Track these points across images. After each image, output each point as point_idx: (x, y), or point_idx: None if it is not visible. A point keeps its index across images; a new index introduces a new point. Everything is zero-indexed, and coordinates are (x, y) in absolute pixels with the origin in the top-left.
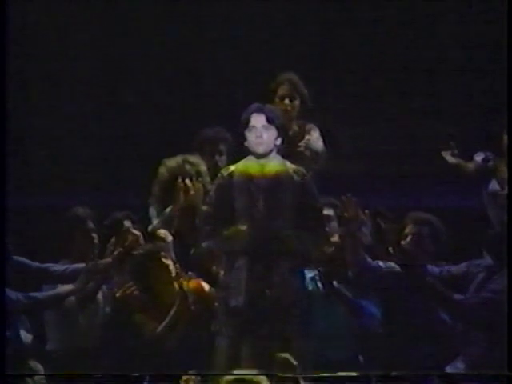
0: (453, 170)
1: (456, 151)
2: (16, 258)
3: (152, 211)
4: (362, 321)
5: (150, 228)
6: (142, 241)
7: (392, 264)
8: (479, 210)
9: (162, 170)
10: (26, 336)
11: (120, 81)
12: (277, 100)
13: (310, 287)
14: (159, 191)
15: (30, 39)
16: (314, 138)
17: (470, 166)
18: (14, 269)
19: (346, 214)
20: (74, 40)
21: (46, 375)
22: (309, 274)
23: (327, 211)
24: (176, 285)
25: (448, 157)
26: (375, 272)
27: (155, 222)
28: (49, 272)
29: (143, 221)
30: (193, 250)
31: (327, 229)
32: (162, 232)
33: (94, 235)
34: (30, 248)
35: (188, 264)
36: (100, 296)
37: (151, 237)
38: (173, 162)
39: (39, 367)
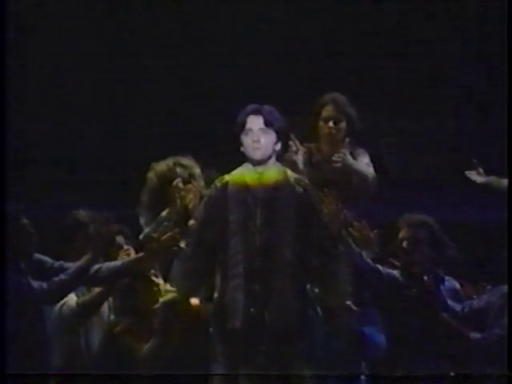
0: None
1: (481, 169)
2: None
3: (142, 222)
4: (366, 352)
5: (141, 236)
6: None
7: (394, 272)
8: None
9: (151, 175)
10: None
11: (120, 84)
12: (321, 123)
13: (312, 310)
14: (149, 199)
15: (30, 40)
16: (364, 164)
17: (504, 182)
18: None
19: (325, 210)
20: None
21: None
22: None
23: None
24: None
25: (474, 177)
26: (374, 275)
27: (147, 228)
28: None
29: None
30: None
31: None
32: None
33: None
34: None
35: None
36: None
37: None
38: (162, 165)
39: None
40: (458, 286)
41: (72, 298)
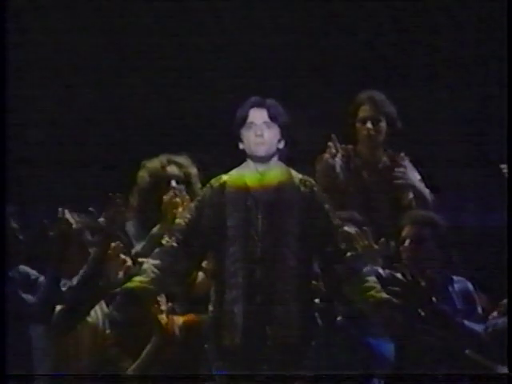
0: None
1: None
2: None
3: (130, 228)
4: (374, 365)
5: (133, 252)
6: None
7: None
8: None
9: (143, 174)
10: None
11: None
12: (358, 125)
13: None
14: (139, 201)
15: (30, 39)
16: (418, 181)
17: None
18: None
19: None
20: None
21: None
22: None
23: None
24: (161, 318)
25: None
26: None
27: (138, 246)
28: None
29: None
30: None
31: (342, 246)
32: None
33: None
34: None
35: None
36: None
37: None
38: (155, 162)
39: None
40: (470, 287)
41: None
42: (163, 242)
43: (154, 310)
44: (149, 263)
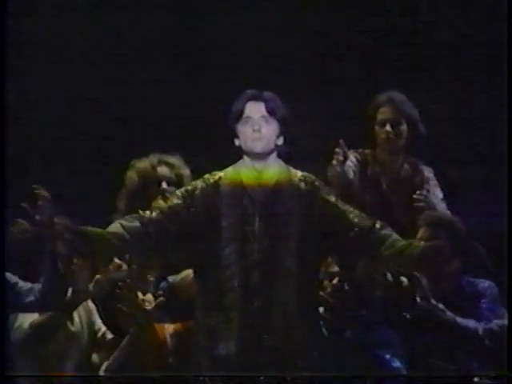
0: None
1: None
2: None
3: None
4: (382, 380)
5: None
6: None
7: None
8: None
9: (131, 174)
10: None
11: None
12: (377, 128)
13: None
14: (127, 203)
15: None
16: (440, 201)
17: None
18: None
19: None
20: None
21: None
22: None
23: None
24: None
25: None
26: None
27: None
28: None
29: None
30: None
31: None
32: None
33: None
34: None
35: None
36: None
37: None
38: (145, 162)
39: None
40: (496, 292)
41: (27, 320)
42: (140, 212)
43: (133, 300)
44: (117, 222)
